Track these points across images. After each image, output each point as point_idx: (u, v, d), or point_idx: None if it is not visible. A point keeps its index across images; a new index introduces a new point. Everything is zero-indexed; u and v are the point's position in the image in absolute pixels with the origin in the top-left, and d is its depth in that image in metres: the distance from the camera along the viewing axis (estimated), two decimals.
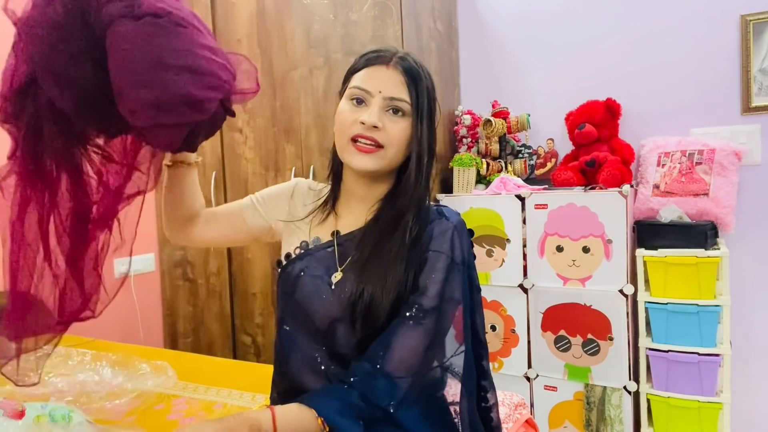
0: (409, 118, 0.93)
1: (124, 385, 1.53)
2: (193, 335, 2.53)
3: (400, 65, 0.92)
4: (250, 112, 2.25)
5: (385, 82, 0.91)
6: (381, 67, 0.93)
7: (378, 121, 0.90)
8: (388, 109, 0.91)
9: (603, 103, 2.16)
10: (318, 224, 1.03)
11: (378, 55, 0.94)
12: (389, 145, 0.91)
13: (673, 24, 2.18)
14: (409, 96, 0.92)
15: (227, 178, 2.34)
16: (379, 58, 0.93)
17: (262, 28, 2.18)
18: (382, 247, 0.93)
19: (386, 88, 0.91)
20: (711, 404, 1.84)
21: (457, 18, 2.60)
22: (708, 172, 2.02)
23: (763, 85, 2.05)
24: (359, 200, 1.00)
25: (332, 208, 1.04)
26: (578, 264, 1.98)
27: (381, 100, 0.91)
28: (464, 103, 2.59)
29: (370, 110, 0.90)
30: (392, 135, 0.91)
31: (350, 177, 0.99)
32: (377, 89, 0.91)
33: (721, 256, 1.83)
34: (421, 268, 0.92)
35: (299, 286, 0.97)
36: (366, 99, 0.92)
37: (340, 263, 0.96)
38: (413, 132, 0.93)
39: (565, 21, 2.37)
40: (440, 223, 0.95)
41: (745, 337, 2.12)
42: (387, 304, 0.88)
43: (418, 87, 0.93)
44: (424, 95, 0.93)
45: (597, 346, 1.97)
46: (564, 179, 2.09)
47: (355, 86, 0.93)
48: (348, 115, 0.92)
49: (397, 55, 0.93)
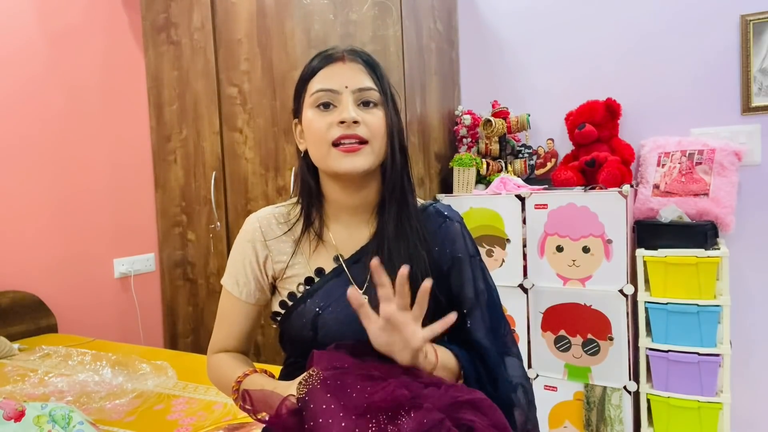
0: (381, 106, 0.89)
1: (124, 385, 1.53)
2: (193, 335, 2.53)
3: (353, 56, 0.89)
4: (250, 112, 2.25)
5: (348, 76, 0.87)
6: (337, 64, 0.88)
7: (357, 116, 0.85)
8: (359, 103, 0.87)
9: (603, 103, 2.16)
10: (313, 253, 0.94)
11: (328, 54, 0.90)
12: (373, 138, 0.87)
13: (673, 24, 2.18)
14: (374, 83, 0.88)
15: (227, 178, 2.34)
16: (331, 57, 0.89)
17: (262, 28, 2.18)
18: (399, 254, 0.89)
19: (351, 81, 0.87)
20: (711, 404, 1.84)
21: (457, 18, 2.60)
22: (708, 172, 2.02)
23: (763, 85, 2.05)
24: (351, 212, 0.94)
25: (319, 229, 0.94)
26: (578, 264, 1.98)
27: (350, 94, 0.86)
28: (464, 103, 2.59)
29: (344, 107, 0.85)
30: (373, 127, 0.87)
31: (335, 189, 0.92)
32: (343, 85, 0.86)
33: (721, 256, 1.83)
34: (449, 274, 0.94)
35: (321, 327, 0.89)
36: (333, 99, 0.86)
37: (359, 286, 0.91)
38: (388, 121, 0.89)
39: (565, 21, 2.37)
40: (448, 226, 0.97)
41: (745, 337, 2.12)
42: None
43: (378, 73, 0.90)
44: (385, 81, 0.91)
45: (597, 346, 1.97)
46: (564, 179, 2.09)
47: (318, 90, 0.87)
48: (320, 122, 0.86)
49: (344, 51, 0.90)
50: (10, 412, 1.07)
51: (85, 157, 2.41)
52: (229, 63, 2.29)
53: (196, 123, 2.41)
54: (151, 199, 2.63)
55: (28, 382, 1.56)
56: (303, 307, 0.91)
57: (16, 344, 1.92)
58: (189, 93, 2.42)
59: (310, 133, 0.88)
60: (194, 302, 2.51)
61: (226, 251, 2.38)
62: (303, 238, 0.94)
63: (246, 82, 2.24)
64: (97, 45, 2.47)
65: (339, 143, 0.85)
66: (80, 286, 2.38)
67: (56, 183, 2.30)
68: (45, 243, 2.26)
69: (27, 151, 2.21)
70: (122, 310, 2.55)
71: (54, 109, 2.30)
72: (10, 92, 2.16)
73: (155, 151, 2.59)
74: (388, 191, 0.91)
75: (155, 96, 2.56)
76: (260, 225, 0.96)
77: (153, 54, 2.54)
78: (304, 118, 0.90)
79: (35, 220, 2.23)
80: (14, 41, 2.18)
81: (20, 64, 2.19)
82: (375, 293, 0.80)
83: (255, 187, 2.26)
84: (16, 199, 2.17)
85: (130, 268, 2.55)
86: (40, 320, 2.17)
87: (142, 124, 2.61)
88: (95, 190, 2.45)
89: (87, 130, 2.42)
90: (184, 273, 2.53)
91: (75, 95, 2.38)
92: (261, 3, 2.17)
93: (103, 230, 2.48)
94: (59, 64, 2.32)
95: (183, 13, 2.40)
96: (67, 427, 1.10)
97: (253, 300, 0.97)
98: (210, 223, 2.40)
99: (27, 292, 2.16)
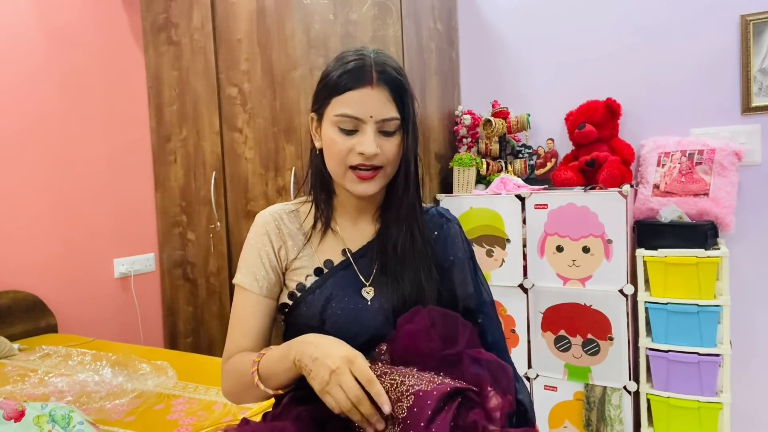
0: (399, 132, 0.91)
1: (124, 385, 1.53)
2: (193, 335, 2.53)
3: (383, 80, 0.88)
4: (250, 112, 2.25)
5: (374, 105, 0.88)
6: (366, 89, 0.88)
7: (377, 149, 0.88)
8: (380, 131, 0.89)
9: (603, 103, 2.16)
10: (320, 245, 0.98)
11: (358, 75, 0.88)
12: (387, 164, 0.91)
13: (673, 24, 2.18)
14: (398, 112, 0.90)
15: (227, 178, 2.34)
16: (361, 80, 0.88)
17: (262, 28, 2.18)
18: (404, 251, 0.94)
19: (376, 111, 0.88)
20: (711, 404, 1.84)
21: (457, 18, 2.60)
22: (708, 172, 2.02)
23: (763, 85, 2.05)
24: (358, 211, 0.99)
25: (328, 224, 0.99)
26: (578, 264, 1.98)
27: (374, 124, 0.88)
28: (464, 103, 2.59)
29: (366, 138, 0.88)
30: (389, 155, 0.90)
31: (344, 194, 0.98)
32: (368, 114, 0.88)
33: (721, 256, 1.83)
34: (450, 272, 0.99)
35: (329, 316, 0.91)
36: (357, 126, 0.89)
37: (365, 279, 0.95)
38: (404, 147, 0.93)
39: (565, 21, 2.37)
40: (449, 227, 1.03)
41: (745, 337, 2.12)
42: (433, 299, 0.93)
43: (404, 99, 0.91)
44: (409, 104, 0.92)
45: (597, 346, 1.97)
46: (564, 179, 2.09)
47: (343, 114, 0.88)
48: (342, 145, 0.89)
49: (375, 69, 0.88)
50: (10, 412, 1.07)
51: (85, 157, 2.41)
52: (229, 63, 2.29)
53: (196, 123, 2.41)
54: (151, 199, 2.63)
55: (28, 382, 1.56)
56: (312, 297, 0.93)
57: (16, 344, 1.92)
58: (189, 93, 2.43)
59: (330, 150, 0.91)
60: (194, 302, 2.51)
61: (226, 251, 2.38)
62: (313, 231, 0.98)
63: (246, 82, 2.24)
64: (97, 45, 2.47)
65: (356, 168, 0.90)
66: (80, 286, 2.38)
67: (56, 183, 2.30)
68: (45, 243, 2.26)
69: (27, 151, 2.21)
70: (122, 310, 2.55)
71: (54, 109, 2.30)
72: (9, 92, 2.16)
73: (155, 151, 2.59)
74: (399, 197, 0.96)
75: (155, 96, 2.56)
76: (273, 218, 1.00)
77: (153, 54, 2.54)
78: (324, 131, 0.93)
79: (35, 219, 2.23)
80: (13, 41, 2.17)
81: (19, 63, 2.19)
82: (380, 286, 0.92)
83: (255, 187, 2.26)
84: (16, 198, 2.17)
85: (130, 268, 2.55)
86: (40, 320, 2.17)
87: (142, 124, 2.61)
88: (95, 190, 2.45)
89: (87, 129, 2.42)
90: (184, 273, 2.53)
91: (75, 95, 2.38)
92: (261, 3, 2.17)
93: (103, 230, 2.48)
94: (59, 64, 2.32)
95: (183, 13, 2.40)
96: (67, 427, 1.10)
97: (272, 294, 0.97)
98: (210, 223, 2.40)
99: (27, 292, 2.16)
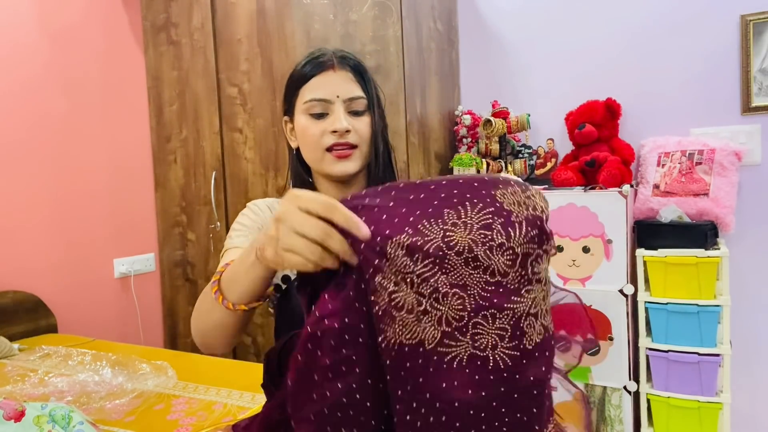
0: (367, 112, 0.96)
1: (124, 385, 1.53)
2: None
3: (344, 63, 0.95)
4: (250, 112, 2.25)
5: (339, 85, 0.94)
6: (328, 72, 0.94)
7: (348, 125, 0.93)
8: (349, 111, 0.94)
9: (603, 103, 2.16)
10: None
11: (319, 61, 0.95)
12: (362, 142, 0.95)
13: (673, 24, 2.18)
14: (362, 91, 0.96)
15: (227, 178, 2.34)
16: (323, 64, 0.95)
17: (262, 28, 2.18)
18: None
19: (342, 91, 0.94)
20: (711, 404, 1.84)
21: (457, 18, 2.60)
22: (708, 172, 2.02)
23: (763, 85, 2.05)
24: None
25: None
26: (578, 264, 1.98)
27: (341, 103, 0.93)
28: (464, 103, 2.59)
29: (336, 116, 0.93)
30: (361, 133, 0.95)
31: (326, 185, 1.00)
32: (334, 95, 0.93)
33: (721, 256, 1.83)
34: None
35: None
36: (326, 108, 0.94)
37: None
38: (373, 126, 0.97)
39: (565, 21, 2.37)
40: None
41: (745, 337, 2.12)
42: None
43: (365, 78, 0.97)
44: (371, 85, 0.97)
45: (597, 346, 1.97)
46: (564, 179, 2.09)
47: (312, 99, 0.94)
48: (315, 129, 0.94)
49: (335, 55, 0.95)
50: (10, 412, 1.07)
51: (85, 157, 2.41)
52: (229, 63, 2.29)
53: (196, 123, 2.41)
54: (151, 199, 2.63)
55: (28, 382, 1.56)
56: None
57: (16, 344, 1.92)
58: (189, 93, 2.42)
59: (304, 138, 0.96)
60: (194, 302, 2.50)
61: None
62: None
63: (246, 82, 2.24)
64: (97, 45, 2.47)
65: (332, 149, 0.94)
66: (80, 286, 2.38)
67: (56, 183, 2.30)
68: (45, 243, 2.26)
69: (27, 152, 2.21)
70: (122, 310, 2.55)
71: (54, 109, 2.30)
72: (9, 92, 2.16)
73: (155, 151, 2.59)
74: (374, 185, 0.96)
75: (155, 96, 2.56)
76: (267, 206, 1.01)
77: (153, 54, 2.54)
78: (297, 122, 0.97)
79: (35, 220, 2.23)
80: (14, 41, 2.17)
81: (20, 63, 2.19)
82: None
83: (255, 187, 2.26)
84: (17, 199, 2.17)
85: (130, 268, 2.55)
86: (40, 320, 2.17)
87: (142, 124, 2.60)
88: (95, 190, 2.45)
89: (87, 130, 2.42)
90: (184, 273, 2.53)
91: (75, 95, 2.38)
92: (261, 3, 2.17)
93: (103, 230, 2.47)
94: (59, 63, 2.32)
95: (183, 13, 2.40)
96: (67, 427, 1.10)
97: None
98: (210, 223, 2.40)
99: (27, 292, 2.16)
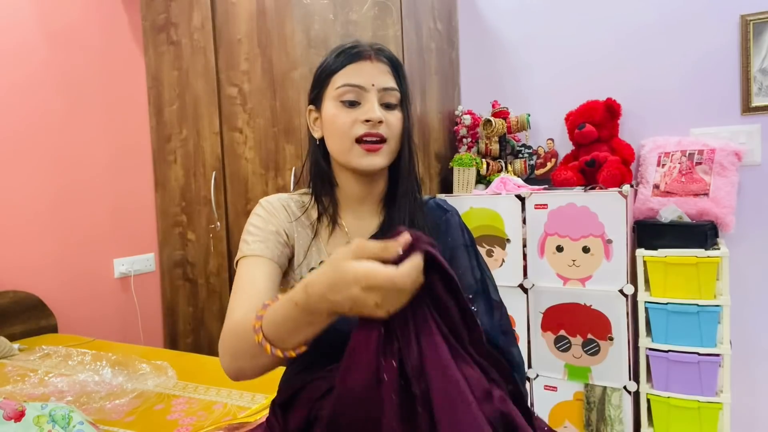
0: (399, 107, 0.92)
1: (124, 385, 1.53)
2: (193, 335, 2.53)
3: (381, 56, 0.91)
4: (250, 112, 2.24)
5: (375, 74, 0.89)
6: (365, 62, 0.90)
7: (381, 115, 0.88)
8: (382, 103, 0.90)
9: (603, 103, 2.16)
10: (328, 239, 0.96)
11: (357, 51, 0.90)
12: (391, 138, 0.90)
13: (673, 24, 2.18)
14: (397, 85, 0.92)
15: (227, 178, 2.34)
16: (360, 54, 0.90)
17: (262, 28, 2.18)
18: None
19: (378, 80, 0.89)
20: (711, 404, 1.84)
21: (457, 18, 2.60)
22: (708, 172, 2.02)
23: (763, 85, 2.05)
24: (360, 202, 0.97)
25: (335, 220, 0.96)
26: (578, 264, 1.98)
27: (376, 92, 0.89)
28: (464, 103, 2.59)
29: (370, 105, 0.88)
30: (393, 127, 0.90)
31: (348, 178, 0.95)
32: (370, 82, 0.89)
33: (721, 256, 1.83)
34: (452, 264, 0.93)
35: None
36: (359, 96, 0.89)
37: None
38: (405, 122, 0.93)
39: (565, 21, 2.37)
40: (449, 218, 1.00)
41: (745, 337, 2.12)
42: None
43: (401, 75, 0.93)
44: (406, 83, 0.94)
45: (597, 346, 1.97)
46: (564, 179, 2.09)
47: (345, 84, 0.89)
48: (346, 117, 0.89)
49: (372, 47, 0.91)
50: (10, 412, 1.07)
51: (85, 156, 2.41)
52: (229, 63, 2.29)
53: (196, 123, 2.41)
54: (151, 199, 2.63)
55: (28, 382, 1.56)
56: None
57: (16, 344, 1.92)
58: (189, 93, 2.42)
59: (333, 126, 0.90)
60: (194, 302, 2.51)
61: (226, 251, 2.38)
62: (320, 225, 0.96)
63: (246, 82, 2.24)
64: (97, 45, 2.47)
65: (362, 140, 0.89)
66: (80, 286, 2.39)
67: (56, 183, 2.30)
68: (45, 243, 2.26)
69: (27, 151, 2.21)
70: (122, 310, 2.55)
71: (54, 109, 2.30)
72: (9, 92, 2.16)
73: (155, 151, 2.59)
74: (402, 186, 0.95)
75: (155, 96, 2.56)
76: (281, 204, 0.97)
77: (153, 54, 2.54)
78: (324, 111, 0.92)
79: (35, 219, 2.23)
80: (13, 41, 2.18)
81: (19, 63, 2.19)
82: None
83: (255, 187, 2.26)
84: (16, 198, 2.17)
85: (130, 268, 2.55)
86: (40, 320, 2.17)
87: (142, 124, 2.61)
88: (95, 189, 2.45)
89: (87, 129, 2.42)
90: (184, 273, 2.53)
91: (75, 95, 2.38)
92: (261, 3, 2.17)
93: (103, 230, 2.48)
94: (59, 63, 2.32)
95: (183, 13, 2.40)
96: (67, 427, 1.10)
97: (282, 265, 0.91)
98: (210, 223, 2.40)
99: (27, 292, 2.16)
